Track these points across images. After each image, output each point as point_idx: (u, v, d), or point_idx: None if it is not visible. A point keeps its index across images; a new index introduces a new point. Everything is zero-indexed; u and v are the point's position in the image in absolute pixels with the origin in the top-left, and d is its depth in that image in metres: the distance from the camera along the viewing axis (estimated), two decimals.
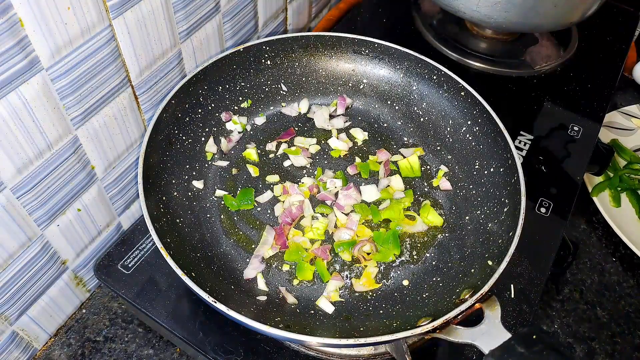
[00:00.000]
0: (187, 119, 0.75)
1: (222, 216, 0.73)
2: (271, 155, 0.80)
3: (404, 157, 0.80)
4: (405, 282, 0.68)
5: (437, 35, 1.07)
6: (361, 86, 0.87)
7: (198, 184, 0.73)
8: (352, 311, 0.65)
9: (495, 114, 0.74)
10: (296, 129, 0.84)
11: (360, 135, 0.84)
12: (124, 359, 0.68)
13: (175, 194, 0.70)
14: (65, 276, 0.69)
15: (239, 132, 0.82)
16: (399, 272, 0.69)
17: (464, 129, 0.79)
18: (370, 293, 0.67)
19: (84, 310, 0.73)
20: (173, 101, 0.72)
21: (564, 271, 0.83)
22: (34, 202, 0.58)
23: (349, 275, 0.69)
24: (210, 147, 0.78)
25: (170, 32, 0.68)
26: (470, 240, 0.70)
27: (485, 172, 0.74)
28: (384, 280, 0.69)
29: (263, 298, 0.65)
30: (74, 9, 0.52)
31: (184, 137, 0.75)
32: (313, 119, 0.85)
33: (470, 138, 0.78)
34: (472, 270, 0.65)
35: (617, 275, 0.84)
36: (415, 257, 0.71)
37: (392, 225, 0.73)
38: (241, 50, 0.80)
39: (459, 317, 0.55)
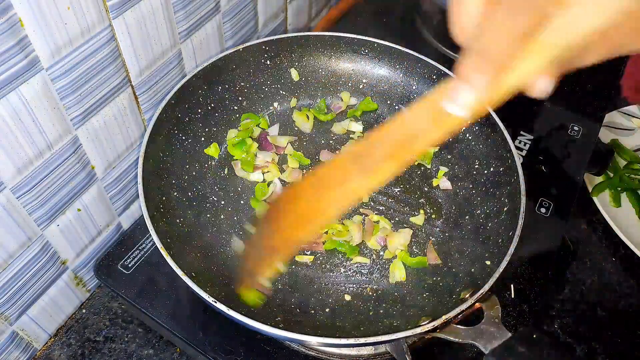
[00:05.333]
0: (187, 119, 0.75)
1: (222, 216, 0.73)
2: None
3: None
4: (406, 282, 0.68)
5: (437, 35, 1.07)
6: (361, 86, 0.87)
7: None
8: (352, 311, 0.65)
9: (495, 114, 0.74)
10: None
11: (355, 127, 0.84)
12: (124, 359, 0.68)
13: (175, 194, 0.70)
14: (65, 276, 0.69)
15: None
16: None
17: (464, 128, 0.79)
18: (370, 293, 0.67)
19: (84, 310, 0.73)
20: (173, 101, 0.72)
21: (564, 271, 0.83)
22: (34, 202, 0.58)
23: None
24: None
25: (170, 32, 0.68)
26: (470, 240, 0.70)
27: (485, 172, 0.74)
28: (384, 279, 0.69)
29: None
30: (74, 9, 0.52)
31: (184, 137, 0.75)
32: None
33: (470, 138, 0.78)
34: (472, 270, 0.65)
35: (617, 275, 0.84)
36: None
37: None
38: (241, 50, 0.80)
39: (459, 316, 0.55)
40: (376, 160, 0.39)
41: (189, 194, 0.72)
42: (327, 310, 0.65)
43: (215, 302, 0.54)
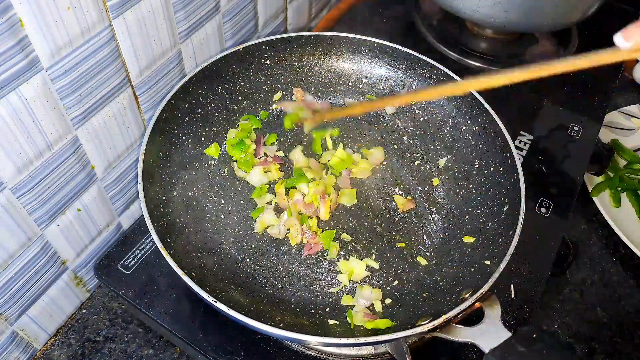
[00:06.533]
0: (187, 119, 0.75)
1: (222, 216, 0.73)
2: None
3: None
4: (406, 281, 0.68)
5: (437, 35, 1.07)
6: (361, 85, 0.87)
7: None
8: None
9: (495, 114, 0.74)
10: (296, 128, 0.84)
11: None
12: (124, 359, 0.68)
13: (175, 194, 0.70)
14: (65, 276, 0.69)
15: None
16: (398, 271, 0.69)
17: (464, 128, 0.79)
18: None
19: (84, 310, 0.73)
20: (173, 101, 0.72)
21: (564, 271, 0.83)
22: (34, 202, 0.58)
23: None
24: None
25: (170, 32, 0.68)
26: (471, 240, 0.70)
27: (485, 171, 0.74)
28: (384, 280, 0.69)
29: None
30: (74, 9, 0.52)
31: (184, 137, 0.75)
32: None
33: (470, 137, 0.78)
34: (472, 270, 0.65)
35: (617, 275, 0.84)
36: (414, 256, 0.71)
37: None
38: (241, 50, 0.80)
39: (459, 316, 0.55)
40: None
41: (189, 194, 0.72)
42: (327, 310, 0.65)
43: (215, 302, 0.54)
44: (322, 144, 0.82)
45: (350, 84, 0.87)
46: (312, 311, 0.65)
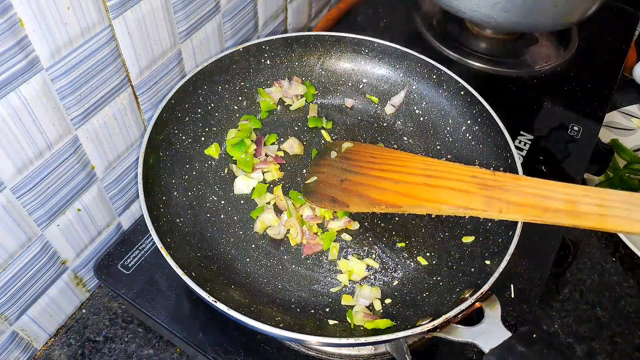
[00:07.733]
0: (187, 119, 0.75)
1: (222, 216, 0.73)
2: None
3: None
4: (405, 281, 0.68)
5: (437, 35, 1.07)
6: (361, 85, 0.87)
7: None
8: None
9: (495, 114, 0.74)
10: (296, 128, 0.84)
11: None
12: (124, 359, 0.68)
13: (175, 194, 0.70)
14: (65, 276, 0.69)
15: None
16: (398, 271, 0.69)
17: (464, 128, 0.79)
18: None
19: (84, 310, 0.73)
20: (173, 101, 0.72)
21: (564, 271, 0.83)
22: (34, 202, 0.58)
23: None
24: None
25: (170, 32, 0.68)
26: (470, 239, 0.70)
27: None
28: (383, 280, 0.69)
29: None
30: (74, 9, 0.52)
31: (184, 137, 0.75)
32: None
33: (470, 137, 0.78)
34: (472, 270, 0.65)
35: (617, 275, 0.84)
36: (415, 256, 0.71)
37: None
38: (241, 50, 0.80)
39: (459, 316, 0.55)
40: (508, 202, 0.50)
41: (189, 194, 0.72)
42: (327, 310, 0.65)
43: (216, 302, 0.54)
44: (318, 141, 0.82)
45: (350, 84, 0.87)
46: (312, 311, 0.65)
